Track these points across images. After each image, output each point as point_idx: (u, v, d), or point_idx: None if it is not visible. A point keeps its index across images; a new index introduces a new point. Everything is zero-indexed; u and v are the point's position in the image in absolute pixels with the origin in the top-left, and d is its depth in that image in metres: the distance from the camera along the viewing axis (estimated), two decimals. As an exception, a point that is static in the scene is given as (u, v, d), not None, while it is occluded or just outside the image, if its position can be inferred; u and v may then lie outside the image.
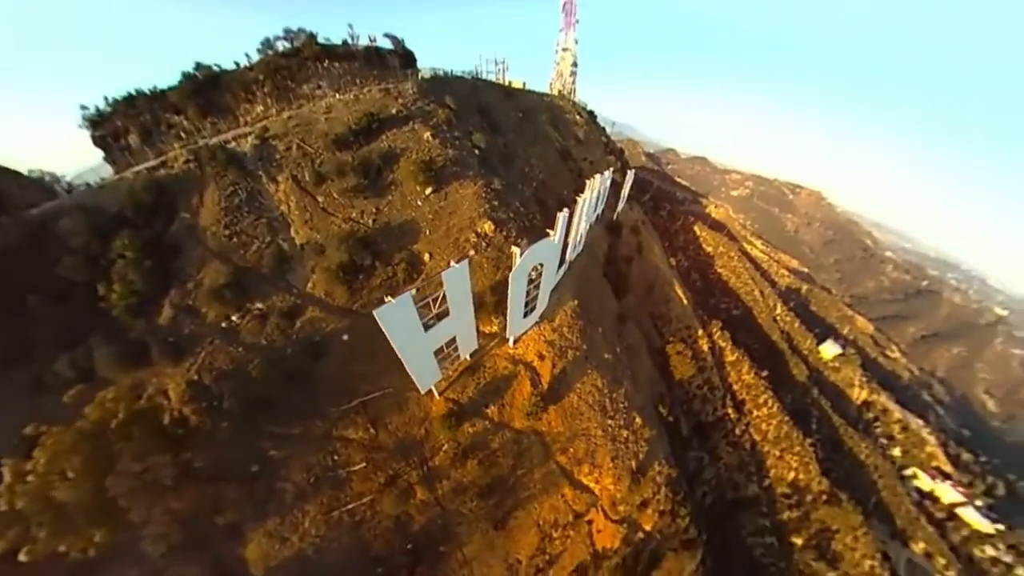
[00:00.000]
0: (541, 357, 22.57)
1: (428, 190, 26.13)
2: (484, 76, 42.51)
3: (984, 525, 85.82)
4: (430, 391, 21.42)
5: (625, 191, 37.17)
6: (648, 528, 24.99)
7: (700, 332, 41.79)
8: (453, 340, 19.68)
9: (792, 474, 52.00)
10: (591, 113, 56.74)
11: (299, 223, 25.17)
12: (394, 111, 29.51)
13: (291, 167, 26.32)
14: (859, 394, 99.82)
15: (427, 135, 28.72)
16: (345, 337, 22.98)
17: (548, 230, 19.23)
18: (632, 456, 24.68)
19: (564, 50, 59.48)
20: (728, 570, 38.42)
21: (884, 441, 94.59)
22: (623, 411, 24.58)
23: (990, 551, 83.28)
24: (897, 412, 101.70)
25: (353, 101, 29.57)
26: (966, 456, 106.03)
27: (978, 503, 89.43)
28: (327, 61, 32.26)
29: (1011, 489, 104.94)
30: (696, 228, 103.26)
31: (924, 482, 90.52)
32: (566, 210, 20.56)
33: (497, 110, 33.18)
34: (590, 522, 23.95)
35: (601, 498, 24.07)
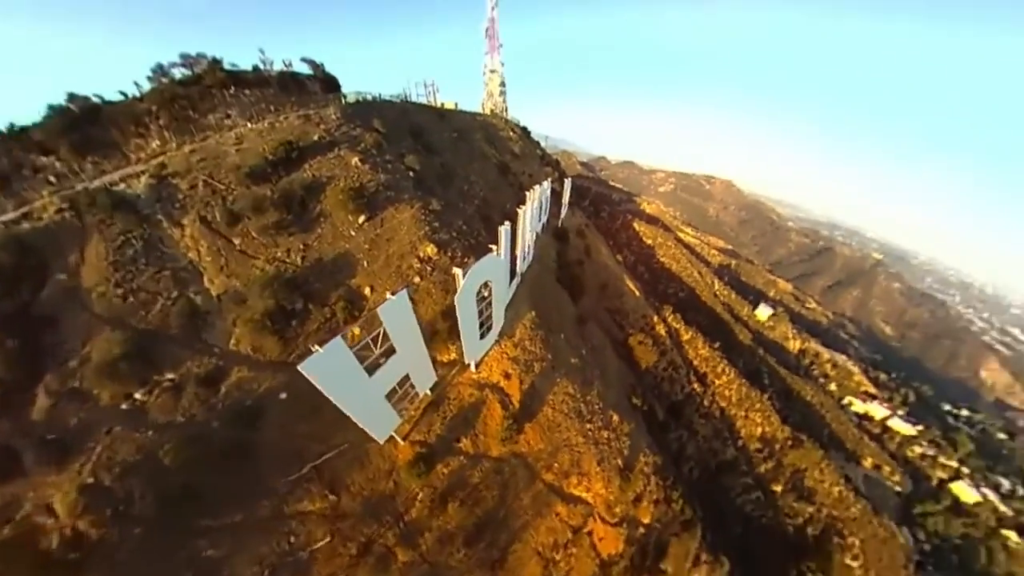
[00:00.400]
0: (507, 376, 20.37)
1: (361, 218, 23.22)
2: (413, 99, 40.53)
3: (908, 429, 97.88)
4: (391, 438, 18.25)
5: (566, 198, 36.53)
6: (647, 521, 23.55)
7: (655, 319, 42.18)
8: (407, 378, 16.86)
9: (759, 429, 54.06)
10: (524, 129, 56.88)
11: (213, 271, 21.03)
12: (316, 138, 26.37)
13: (198, 207, 22.15)
14: (794, 345, 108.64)
15: (355, 160, 25.89)
16: (283, 395, 19.16)
17: (491, 245, 17.34)
18: (617, 454, 23.15)
19: (491, 72, 59.95)
20: (726, 533, 38.25)
21: (821, 380, 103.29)
22: (599, 412, 23.03)
23: (918, 450, 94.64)
24: (826, 353, 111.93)
25: (268, 130, 26.03)
26: (883, 376, 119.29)
27: (900, 412, 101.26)
28: (234, 88, 28.38)
29: (919, 395, 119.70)
30: (635, 224, 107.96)
31: (858, 406, 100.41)
32: (508, 223, 18.88)
33: (430, 131, 31.26)
34: (590, 533, 21.91)
35: (596, 505, 22.14)
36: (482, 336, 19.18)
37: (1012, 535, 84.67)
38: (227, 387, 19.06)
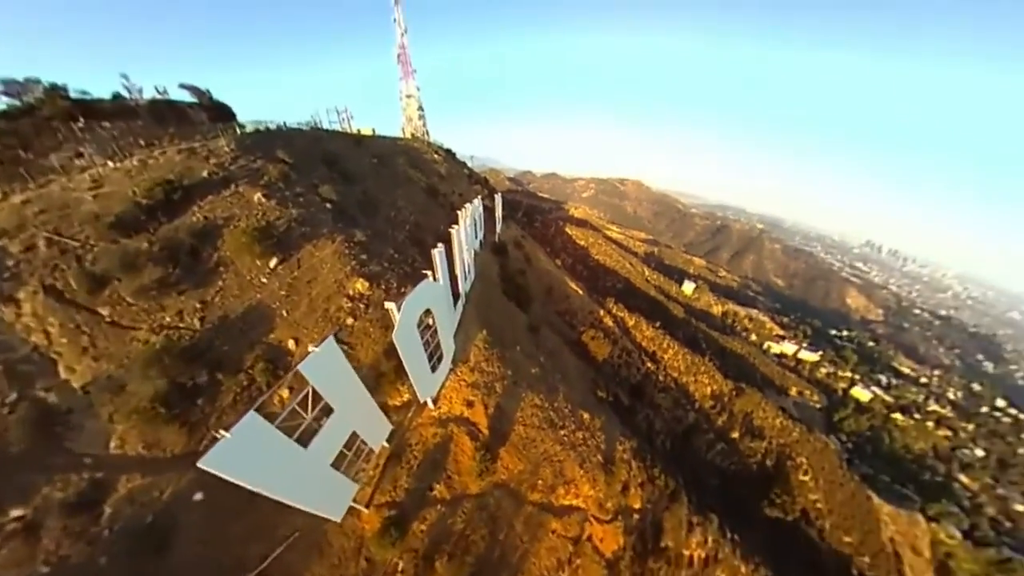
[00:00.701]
0: (470, 404, 18.22)
1: (273, 261, 19.53)
2: (326, 126, 36.81)
3: (813, 356, 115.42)
4: (350, 510, 14.91)
5: (499, 213, 35.70)
6: (638, 506, 22.90)
7: (602, 312, 43.23)
8: (355, 436, 13.89)
9: (708, 389, 58.06)
10: (449, 151, 55.52)
11: (72, 355, 15.78)
12: (205, 174, 21.89)
13: (40, 274, 16.66)
14: (717, 309, 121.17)
15: (258, 196, 21.99)
16: (199, 496, 14.70)
17: (425, 272, 15.34)
18: (596, 451, 22.15)
19: (408, 97, 57.97)
20: (706, 489, 39.53)
21: (743, 333, 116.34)
22: (570, 415, 21.91)
23: (823, 370, 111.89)
24: (741, 311, 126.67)
25: (139, 168, 20.91)
26: (785, 320, 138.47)
27: (804, 345, 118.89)
28: (85, 120, 22.48)
29: (812, 327, 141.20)
30: (567, 229, 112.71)
31: (775, 347, 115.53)
32: (441, 246, 17.04)
33: (347, 158, 28.13)
34: (589, 538, 20.45)
35: (588, 508, 20.77)
36: (434, 368, 16.86)
37: (898, 416, 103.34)
38: (113, 506, 14.08)
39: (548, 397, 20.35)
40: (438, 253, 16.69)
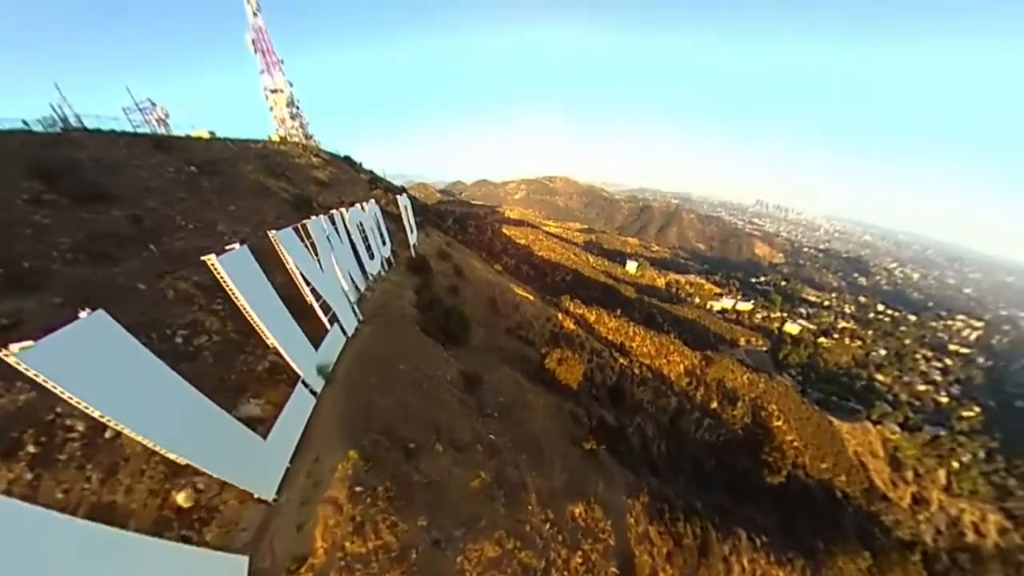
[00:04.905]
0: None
1: None
2: (129, 129, 24.43)
3: (748, 306, 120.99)
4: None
5: (408, 220, 26.84)
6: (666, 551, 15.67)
7: (560, 316, 36.80)
8: None
9: (681, 366, 54.61)
10: (347, 158, 44.85)
11: None
12: None
13: None
14: (661, 282, 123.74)
15: None
16: None
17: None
18: (606, 557, 13.65)
19: (274, 92, 44.86)
20: (706, 473, 36.09)
21: (687, 298, 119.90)
22: (553, 535, 12.28)
23: (758, 316, 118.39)
24: (681, 279, 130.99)
25: None
26: (717, 278, 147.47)
27: (738, 297, 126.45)
28: None
29: (739, 280, 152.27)
30: (504, 230, 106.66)
31: (716, 305, 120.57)
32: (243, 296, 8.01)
33: (115, 170, 16.79)
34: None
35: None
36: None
37: (823, 340, 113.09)
38: None
39: (511, 518, 10.62)
40: (246, 302, 7.80)
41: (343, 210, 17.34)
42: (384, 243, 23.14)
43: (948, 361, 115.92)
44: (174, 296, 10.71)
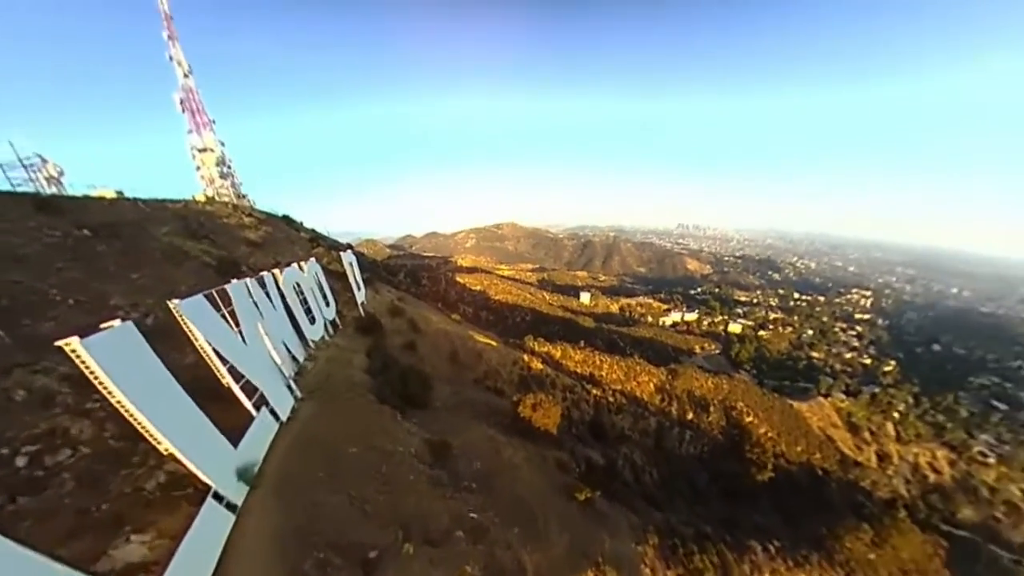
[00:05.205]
0: None
1: None
2: (7, 188, 19.23)
3: (693, 316, 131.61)
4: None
5: (354, 277, 25.48)
6: None
7: (526, 358, 36.22)
8: None
9: (650, 385, 55.61)
10: (285, 217, 42.14)
11: None
12: None
13: None
14: (615, 307, 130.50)
15: None
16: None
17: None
18: None
19: (201, 151, 42.06)
20: (700, 487, 35.37)
21: (642, 318, 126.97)
22: None
23: (705, 323, 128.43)
24: (632, 301, 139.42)
25: None
26: (662, 295, 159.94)
27: (684, 310, 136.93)
28: None
29: (681, 295, 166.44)
30: (459, 279, 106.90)
31: (666, 320, 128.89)
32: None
33: None
34: None
35: None
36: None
37: (762, 332, 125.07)
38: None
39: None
40: (125, 397, 5.97)
41: (276, 271, 15.84)
42: (328, 304, 21.33)
43: (859, 328, 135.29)
44: (24, 397, 8.09)
